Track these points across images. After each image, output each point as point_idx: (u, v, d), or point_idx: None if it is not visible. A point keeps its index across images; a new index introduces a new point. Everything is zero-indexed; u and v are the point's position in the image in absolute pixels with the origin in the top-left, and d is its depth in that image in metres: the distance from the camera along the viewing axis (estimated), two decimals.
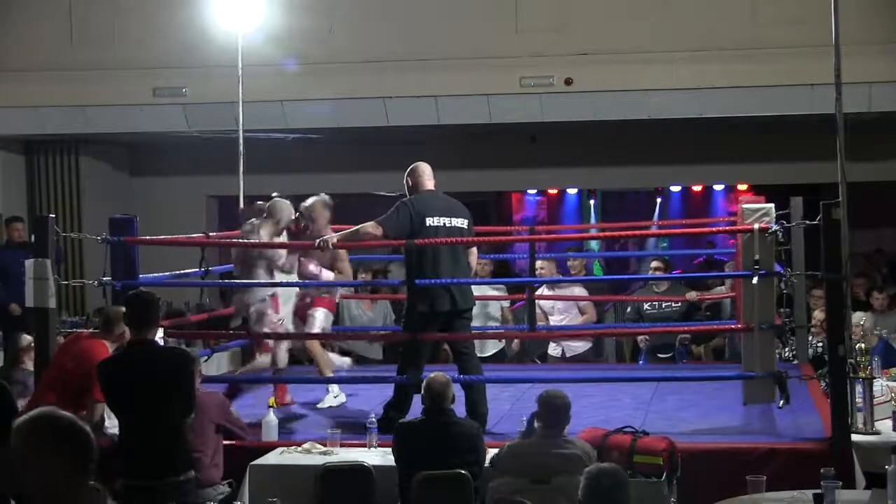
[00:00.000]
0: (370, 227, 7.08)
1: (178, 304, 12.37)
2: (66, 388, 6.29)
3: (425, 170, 7.28)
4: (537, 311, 9.66)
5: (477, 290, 9.72)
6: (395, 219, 7.06)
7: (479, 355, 9.83)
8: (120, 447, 5.50)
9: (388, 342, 9.69)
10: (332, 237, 7.31)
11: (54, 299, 6.99)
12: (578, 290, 9.90)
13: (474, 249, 7.52)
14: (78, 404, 6.33)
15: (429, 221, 7.02)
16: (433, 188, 7.26)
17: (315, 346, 8.03)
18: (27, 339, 7.47)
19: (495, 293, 9.89)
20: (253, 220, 7.92)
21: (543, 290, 9.69)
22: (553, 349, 9.75)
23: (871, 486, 5.80)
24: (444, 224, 7.08)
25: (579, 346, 9.68)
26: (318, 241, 7.25)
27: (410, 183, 7.26)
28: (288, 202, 7.89)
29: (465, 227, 7.19)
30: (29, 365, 7.28)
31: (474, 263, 7.54)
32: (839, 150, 6.81)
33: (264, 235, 7.68)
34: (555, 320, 9.68)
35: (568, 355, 9.67)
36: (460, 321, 7.23)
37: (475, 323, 9.72)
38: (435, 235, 7.01)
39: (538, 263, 9.67)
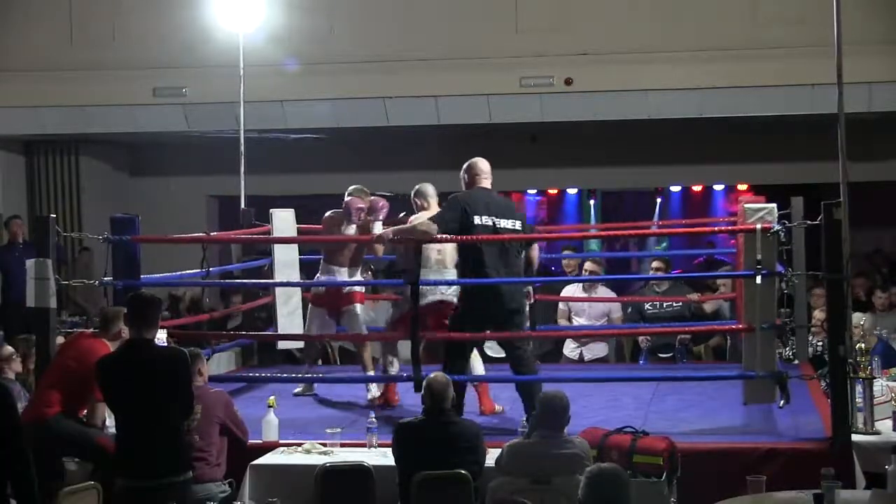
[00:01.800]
0: (426, 225, 7.00)
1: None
2: (68, 388, 6.29)
3: (482, 167, 7.15)
4: (562, 308, 9.64)
5: None
6: (445, 215, 6.97)
7: (494, 356, 9.88)
8: (118, 447, 5.49)
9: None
10: (388, 232, 7.24)
11: (55, 299, 7.00)
12: (603, 292, 9.87)
13: (535, 247, 7.35)
14: (79, 404, 6.34)
15: (477, 220, 6.91)
16: (488, 186, 7.12)
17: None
18: (9, 349, 7.43)
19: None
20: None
21: (575, 291, 9.67)
22: (571, 351, 9.67)
23: (871, 486, 5.81)
24: (494, 224, 6.95)
25: (600, 351, 9.64)
26: (375, 235, 7.20)
27: (466, 179, 7.17)
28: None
29: (518, 228, 7.06)
30: (10, 374, 7.25)
31: (536, 261, 7.38)
32: (840, 149, 6.81)
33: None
34: (580, 322, 9.63)
35: (587, 358, 9.61)
36: (511, 321, 7.13)
37: None
38: (483, 234, 6.91)
39: (587, 265, 9.66)
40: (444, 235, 6.94)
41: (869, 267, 12.41)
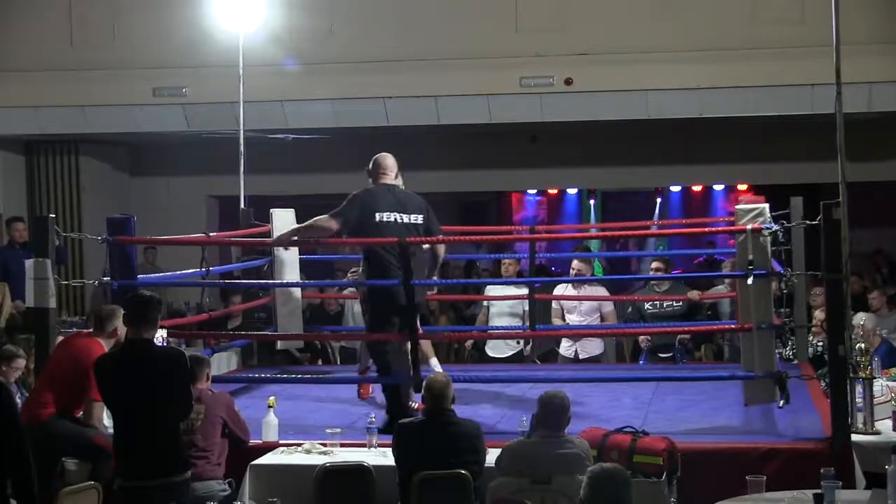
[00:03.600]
0: (324, 220, 7.01)
1: (178, 304, 12.41)
2: (64, 388, 6.29)
3: (386, 163, 7.19)
4: (555, 307, 9.65)
5: (503, 290, 9.75)
6: (344, 211, 6.98)
7: (496, 356, 9.88)
8: (116, 447, 5.49)
9: None
10: (286, 233, 7.27)
11: (54, 299, 7.00)
12: (602, 292, 9.88)
13: (441, 246, 7.34)
14: (75, 404, 6.33)
15: (378, 217, 6.94)
16: (391, 182, 7.14)
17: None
18: (21, 361, 7.43)
19: (519, 292, 9.84)
20: None
21: (567, 290, 9.68)
22: (566, 350, 9.68)
23: (871, 486, 5.80)
24: (396, 220, 6.99)
25: (594, 349, 9.65)
26: (276, 237, 7.21)
27: (371, 174, 7.22)
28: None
29: (420, 222, 7.08)
30: (11, 377, 7.25)
31: (441, 255, 7.39)
32: (839, 150, 6.81)
33: None
34: (573, 320, 9.64)
35: (582, 357, 9.61)
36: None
37: (501, 322, 9.74)
38: (385, 230, 6.94)
39: (574, 263, 9.67)
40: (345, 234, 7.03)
41: (869, 267, 12.42)
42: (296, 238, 7.43)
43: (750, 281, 6.60)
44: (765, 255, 6.69)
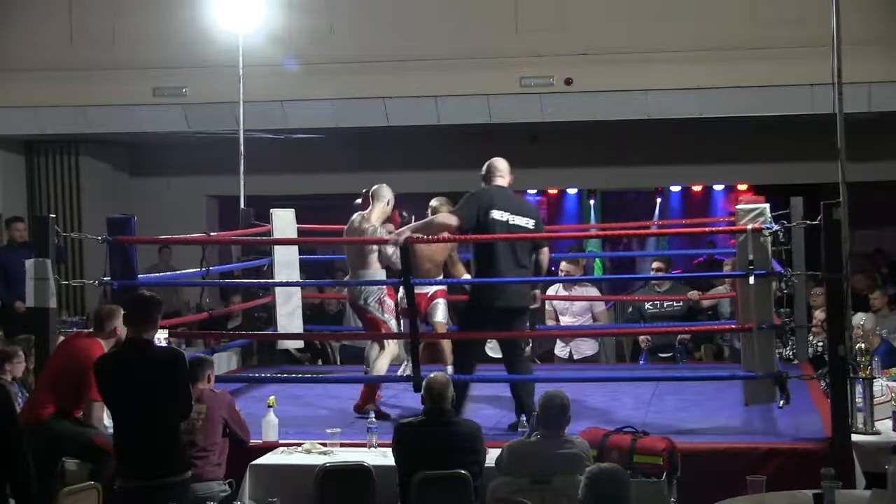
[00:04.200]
0: (444, 217, 7.04)
1: (179, 304, 12.40)
2: (63, 389, 6.28)
3: (499, 165, 7.20)
4: (549, 309, 9.65)
5: None
6: (463, 210, 6.99)
7: (496, 356, 9.87)
8: (116, 447, 5.49)
9: None
10: (405, 230, 7.17)
11: (54, 299, 7.00)
12: (594, 292, 9.88)
13: (545, 250, 7.31)
14: (75, 404, 6.33)
15: (493, 215, 6.96)
16: (504, 184, 7.16)
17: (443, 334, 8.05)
18: (19, 355, 7.43)
19: None
20: (359, 213, 7.75)
21: (558, 290, 9.68)
22: (560, 350, 9.68)
23: (871, 486, 5.80)
24: (508, 220, 6.99)
25: (587, 349, 9.65)
26: (395, 233, 7.20)
27: (483, 177, 7.21)
28: (387, 186, 7.77)
29: (531, 227, 7.11)
30: (8, 376, 7.26)
31: (545, 262, 7.34)
32: (839, 150, 6.81)
33: (374, 220, 7.56)
34: (566, 321, 9.64)
35: (576, 357, 9.63)
36: (517, 319, 7.18)
37: None
38: (497, 230, 6.94)
39: (562, 265, 9.67)
40: (464, 231, 6.98)
41: (869, 267, 12.40)
42: (417, 235, 7.24)
43: (751, 281, 6.60)
44: (765, 255, 6.69)
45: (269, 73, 11.48)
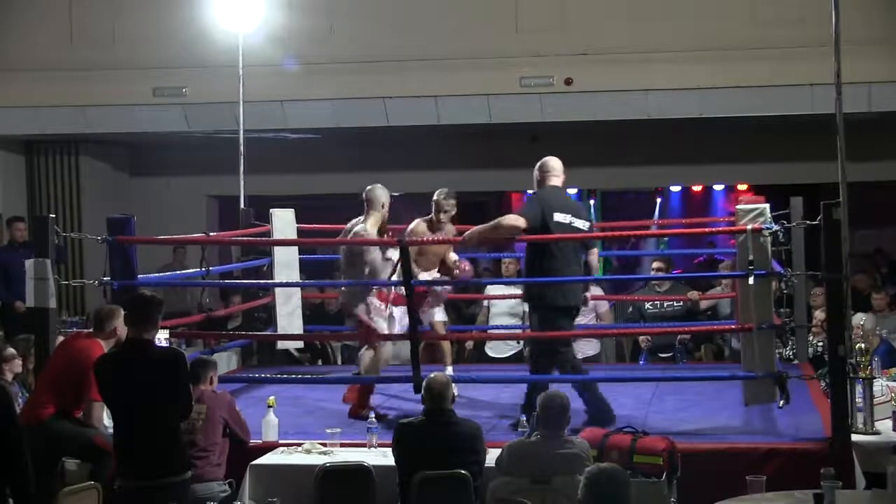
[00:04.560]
0: (513, 219, 7.03)
1: (191, 304, 12.38)
2: (63, 389, 6.28)
3: (554, 165, 7.20)
4: None
5: (505, 290, 9.74)
6: (527, 212, 7.00)
7: (495, 356, 9.87)
8: (116, 447, 5.49)
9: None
10: (474, 232, 7.18)
11: (54, 299, 7.00)
12: (597, 292, 9.87)
13: (595, 249, 7.36)
14: (76, 404, 6.33)
15: (556, 217, 6.98)
16: (559, 184, 7.18)
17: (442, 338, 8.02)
18: (11, 351, 7.44)
19: (519, 292, 9.83)
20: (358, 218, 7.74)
21: None
22: None
23: (871, 486, 5.81)
24: (570, 222, 7.03)
25: (590, 349, 9.64)
26: (464, 235, 7.20)
27: (538, 177, 7.20)
28: (381, 186, 7.74)
29: (586, 229, 7.16)
30: (8, 375, 7.26)
31: (594, 263, 7.37)
32: (839, 150, 6.81)
33: (370, 226, 7.53)
34: None
35: (578, 357, 9.61)
36: (573, 319, 7.25)
37: (500, 322, 9.74)
38: (559, 232, 6.96)
39: None
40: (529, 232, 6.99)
41: (869, 267, 12.41)
42: (486, 235, 7.29)
43: (751, 281, 6.60)
44: (765, 255, 6.69)
45: (269, 73, 11.48)
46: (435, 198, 7.89)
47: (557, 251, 6.98)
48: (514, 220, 7.02)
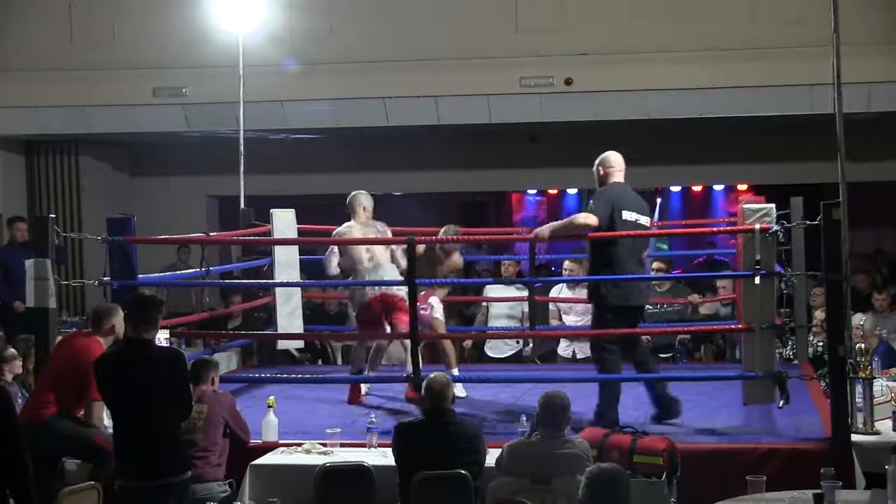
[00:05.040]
0: (584, 217, 6.97)
1: (196, 305, 12.38)
2: (63, 388, 6.28)
3: (616, 160, 7.11)
4: (552, 309, 9.65)
5: (504, 291, 9.75)
6: (597, 209, 6.94)
7: (495, 356, 9.87)
8: (116, 447, 5.49)
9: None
10: (545, 229, 7.16)
11: (54, 299, 7.00)
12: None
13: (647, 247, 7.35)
14: (76, 404, 6.33)
15: (625, 215, 6.93)
16: (622, 180, 7.10)
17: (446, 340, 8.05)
18: (12, 351, 7.44)
19: (518, 294, 9.84)
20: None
21: (562, 290, 9.67)
22: (563, 349, 9.67)
23: (871, 486, 5.80)
24: (636, 220, 6.98)
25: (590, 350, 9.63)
26: (533, 231, 7.17)
27: (600, 173, 7.12)
28: (364, 192, 7.94)
29: (649, 225, 7.15)
30: (8, 376, 7.26)
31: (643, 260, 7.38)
32: (839, 150, 6.81)
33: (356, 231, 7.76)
34: (570, 321, 9.63)
35: (579, 357, 9.62)
36: (640, 317, 7.26)
37: (499, 322, 9.73)
38: (628, 229, 6.91)
39: (566, 264, 9.66)
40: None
41: (869, 267, 12.41)
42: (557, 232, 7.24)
43: (757, 281, 6.59)
44: (771, 256, 6.69)
45: (269, 73, 11.48)
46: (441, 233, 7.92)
47: (623, 250, 6.92)
48: (586, 218, 6.94)
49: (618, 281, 6.90)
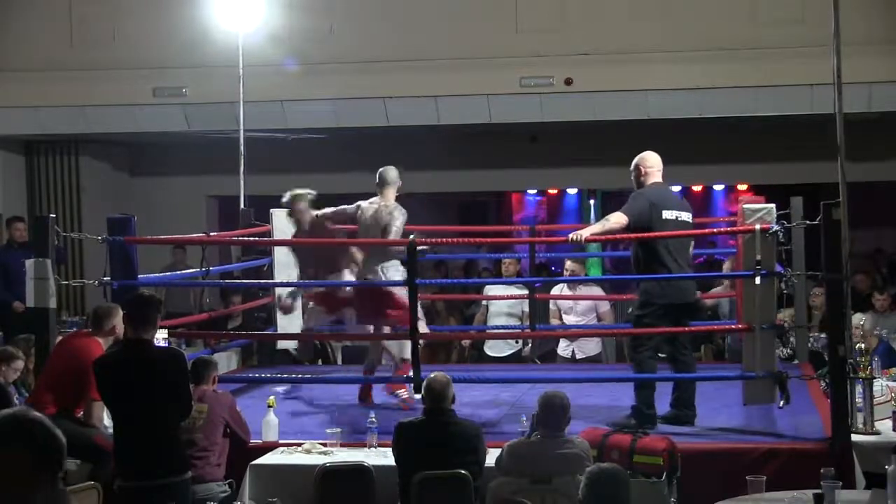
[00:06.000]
0: (617, 217, 6.99)
1: (195, 305, 12.38)
2: (63, 388, 6.29)
3: (654, 160, 7.12)
4: (553, 308, 9.64)
5: (504, 290, 9.75)
6: (633, 209, 6.96)
7: (494, 356, 9.87)
8: (116, 447, 5.49)
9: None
10: (585, 231, 7.14)
11: (54, 299, 7.00)
12: (598, 292, 9.88)
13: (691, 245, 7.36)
14: (75, 404, 6.33)
15: (666, 214, 6.94)
16: (661, 180, 7.12)
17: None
18: (19, 362, 7.43)
19: (518, 292, 9.84)
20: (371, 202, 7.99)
21: (563, 290, 9.67)
22: (563, 349, 9.68)
23: (871, 486, 5.80)
24: (677, 217, 6.99)
25: (592, 349, 9.64)
26: (570, 235, 7.15)
27: (641, 173, 7.13)
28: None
29: (690, 221, 7.15)
30: (10, 376, 7.25)
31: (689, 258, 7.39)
32: (839, 150, 6.81)
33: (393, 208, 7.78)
34: (570, 320, 9.63)
35: (579, 357, 9.62)
36: (690, 315, 7.27)
37: (499, 322, 9.73)
38: (668, 228, 6.93)
39: (567, 263, 9.66)
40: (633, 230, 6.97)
41: (869, 267, 12.42)
42: (596, 234, 7.27)
43: (758, 281, 6.59)
44: (771, 256, 6.69)
45: (269, 73, 11.49)
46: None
47: (664, 249, 6.92)
48: (619, 217, 6.97)
49: (661, 280, 6.94)
